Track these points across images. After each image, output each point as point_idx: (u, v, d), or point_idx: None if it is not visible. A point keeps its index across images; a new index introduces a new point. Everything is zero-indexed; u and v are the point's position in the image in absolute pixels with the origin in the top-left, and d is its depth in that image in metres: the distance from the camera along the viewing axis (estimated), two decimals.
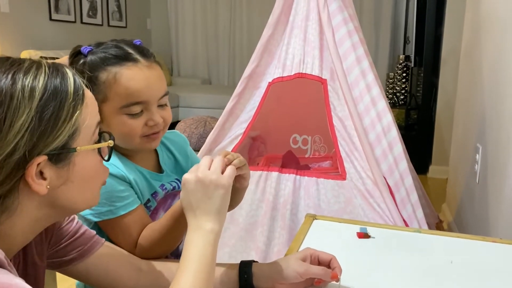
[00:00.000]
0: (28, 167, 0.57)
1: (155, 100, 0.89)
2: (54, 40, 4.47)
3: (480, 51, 2.15)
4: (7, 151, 0.55)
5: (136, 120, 0.88)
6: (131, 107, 0.87)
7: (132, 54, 0.88)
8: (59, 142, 0.59)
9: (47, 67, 0.60)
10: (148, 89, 0.87)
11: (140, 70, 0.87)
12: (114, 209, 0.88)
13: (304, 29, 1.89)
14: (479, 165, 1.98)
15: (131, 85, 0.86)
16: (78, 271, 0.81)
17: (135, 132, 0.89)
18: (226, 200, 0.73)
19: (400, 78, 4.09)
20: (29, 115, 0.56)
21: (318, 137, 2.29)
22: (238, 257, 1.78)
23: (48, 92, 0.58)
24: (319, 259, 0.84)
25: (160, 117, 0.90)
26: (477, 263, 0.96)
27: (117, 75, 0.86)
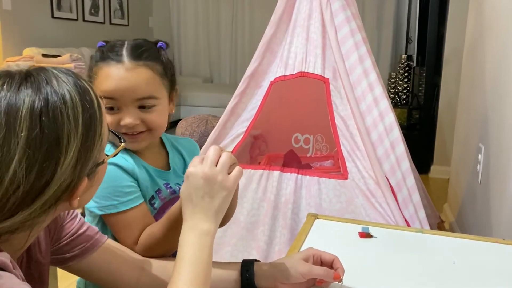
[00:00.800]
0: (76, 190, 0.58)
1: (129, 100, 0.89)
2: (56, 37, 4.47)
3: (483, 51, 2.14)
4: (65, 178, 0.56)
5: (111, 116, 0.90)
6: (105, 101, 0.89)
7: (120, 54, 0.90)
8: (94, 159, 0.60)
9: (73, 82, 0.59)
10: (120, 88, 0.89)
11: (118, 69, 0.89)
12: (117, 204, 0.89)
13: (306, 28, 1.88)
14: (481, 165, 1.97)
15: (105, 82, 0.89)
16: (80, 268, 0.81)
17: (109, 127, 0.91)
18: (227, 202, 0.72)
19: (402, 78, 4.09)
20: (76, 148, 0.56)
21: (320, 136, 2.29)
22: (239, 256, 1.78)
23: (87, 117, 0.58)
24: (322, 259, 0.84)
25: (132, 120, 0.90)
26: (480, 264, 0.96)
27: (99, 70, 0.90)
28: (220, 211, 0.71)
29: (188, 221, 0.70)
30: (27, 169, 0.52)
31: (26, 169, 0.52)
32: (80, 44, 4.62)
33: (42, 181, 0.54)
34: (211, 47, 6.16)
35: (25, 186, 0.53)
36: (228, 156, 0.73)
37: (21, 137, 0.52)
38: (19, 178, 0.52)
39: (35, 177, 0.53)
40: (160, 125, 0.94)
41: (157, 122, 0.92)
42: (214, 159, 0.71)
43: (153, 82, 0.91)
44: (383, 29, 5.31)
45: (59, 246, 0.78)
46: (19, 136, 0.52)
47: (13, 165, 0.52)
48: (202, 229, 0.69)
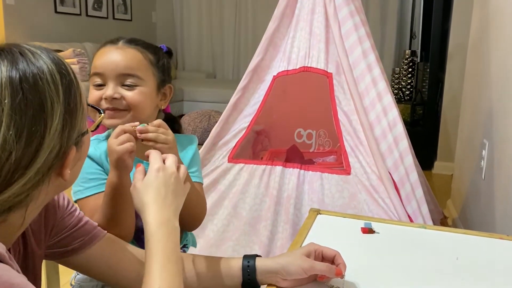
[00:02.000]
0: (65, 160, 0.59)
1: (111, 74, 0.96)
2: (59, 32, 4.47)
3: (488, 46, 2.12)
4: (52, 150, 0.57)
5: (96, 91, 0.98)
6: (93, 77, 0.98)
7: (118, 39, 1.00)
8: (78, 129, 0.62)
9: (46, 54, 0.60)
10: (106, 63, 0.97)
11: (110, 49, 0.98)
12: (83, 190, 0.94)
13: (309, 22, 1.87)
14: (485, 161, 1.96)
15: (96, 59, 0.99)
16: (79, 262, 0.80)
17: (94, 101, 0.96)
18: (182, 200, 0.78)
19: (406, 73, 4.07)
20: (60, 115, 0.58)
21: (322, 131, 2.28)
22: (241, 251, 1.77)
23: (67, 86, 0.60)
24: (323, 255, 0.83)
25: (113, 92, 0.96)
26: (484, 260, 0.95)
27: (95, 54, 1.00)
28: (180, 206, 0.76)
29: (158, 217, 0.70)
30: (17, 135, 0.54)
31: (16, 135, 0.53)
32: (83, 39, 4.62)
33: (33, 146, 0.55)
34: (214, 43, 6.14)
35: (17, 152, 0.54)
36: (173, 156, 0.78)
37: (5, 104, 0.53)
38: (10, 144, 0.53)
39: (25, 142, 0.54)
40: (139, 105, 0.98)
41: (135, 100, 0.97)
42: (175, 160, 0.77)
43: (139, 63, 0.98)
44: (387, 24, 5.28)
45: (58, 240, 0.78)
46: (3, 103, 0.53)
47: (2, 132, 0.53)
48: (174, 225, 0.71)
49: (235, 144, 1.89)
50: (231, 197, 1.82)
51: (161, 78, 1.02)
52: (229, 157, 1.86)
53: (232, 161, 1.85)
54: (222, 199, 1.83)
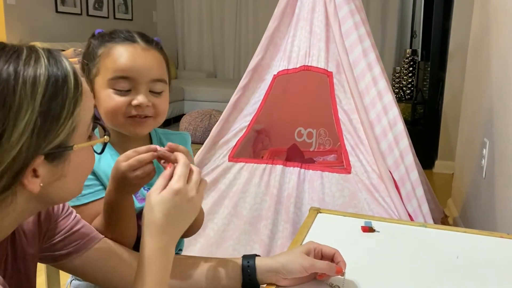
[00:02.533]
0: (27, 169, 0.55)
1: (144, 80, 0.89)
2: (60, 32, 4.47)
3: (488, 45, 2.12)
4: (13, 154, 0.53)
5: (122, 97, 0.89)
6: (118, 81, 0.88)
7: (134, 36, 0.91)
8: (58, 141, 0.57)
9: (45, 58, 0.57)
10: (136, 66, 0.88)
11: (134, 48, 0.89)
12: (79, 197, 0.88)
13: (310, 21, 1.86)
14: (486, 160, 1.96)
15: (121, 59, 0.88)
16: (74, 266, 0.79)
17: (118, 108, 0.88)
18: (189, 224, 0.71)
19: (406, 73, 4.06)
20: (32, 115, 0.53)
21: (323, 130, 2.28)
22: (241, 250, 1.77)
23: (50, 89, 0.55)
24: (323, 253, 0.83)
25: (146, 99, 0.89)
26: (484, 259, 0.95)
27: (111, 50, 0.89)
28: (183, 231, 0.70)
29: (156, 241, 0.66)
30: None
31: None
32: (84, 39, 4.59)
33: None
34: (215, 42, 6.14)
35: None
36: (198, 172, 0.70)
37: None
38: None
39: None
40: (165, 112, 0.94)
41: (164, 107, 0.93)
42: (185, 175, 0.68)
43: (163, 66, 0.93)
44: (387, 23, 5.27)
45: (53, 243, 0.77)
46: None
47: None
48: (171, 252, 0.67)
49: (235, 143, 1.89)
50: (231, 196, 1.82)
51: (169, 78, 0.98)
52: (229, 156, 1.86)
53: (232, 160, 1.85)
54: (222, 198, 1.83)
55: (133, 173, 0.76)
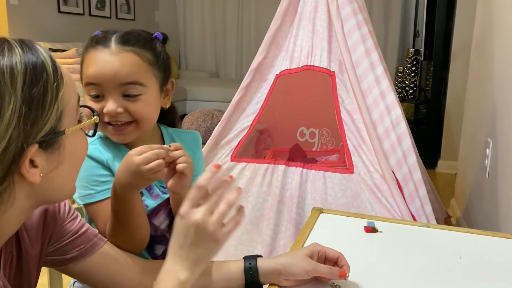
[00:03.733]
0: (22, 159, 0.54)
1: (111, 85, 0.86)
2: (62, 32, 4.48)
3: (491, 45, 2.11)
4: (3, 145, 0.52)
5: (95, 103, 0.87)
6: (88, 88, 0.88)
7: (108, 39, 0.88)
8: (48, 127, 0.56)
9: (18, 47, 0.56)
10: (100, 72, 0.86)
11: (103, 54, 0.86)
12: (94, 193, 0.88)
13: (312, 20, 1.86)
14: (489, 159, 1.95)
15: (89, 65, 0.87)
16: (79, 271, 0.79)
17: None
18: (213, 254, 0.67)
19: (409, 72, 4.05)
20: (16, 104, 0.53)
21: (325, 130, 2.27)
22: (243, 250, 1.77)
23: (29, 76, 0.54)
24: (326, 256, 0.83)
25: (114, 106, 0.86)
26: (487, 259, 0.94)
27: (85, 56, 0.89)
28: (203, 262, 0.66)
29: (168, 263, 0.66)
30: None
31: None
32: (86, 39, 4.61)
33: None
34: (217, 42, 6.14)
35: None
36: (227, 205, 0.65)
37: None
38: None
39: None
40: (147, 117, 0.89)
41: (142, 112, 0.88)
42: (210, 207, 0.65)
43: (139, 68, 0.88)
44: (390, 23, 5.26)
45: (58, 247, 0.77)
46: None
47: None
48: (179, 277, 0.64)
49: (237, 143, 1.89)
50: None
51: (163, 77, 0.93)
52: (231, 156, 1.86)
53: (234, 160, 1.85)
54: None
55: (148, 166, 0.75)
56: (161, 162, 0.77)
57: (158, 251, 0.96)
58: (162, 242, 0.96)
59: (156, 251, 0.96)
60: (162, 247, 0.96)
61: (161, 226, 0.95)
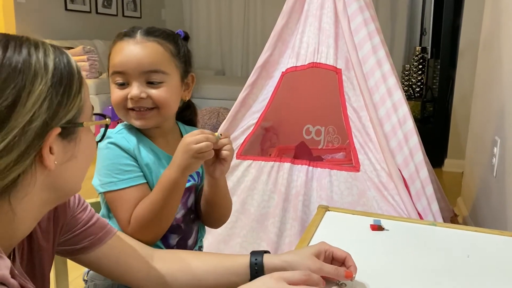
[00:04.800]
0: (46, 138, 0.57)
1: (135, 72, 0.91)
2: (69, 30, 4.50)
3: (499, 42, 2.09)
4: (27, 118, 0.55)
5: (121, 90, 0.93)
6: (114, 76, 0.93)
7: (134, 31, 0.94)
8: (70, 115, 0.60)
9: (50, 45, 0.62)
10: (128, 61, 0.91)
11: (128, 43, 0.92)
12: (117, 181, 0.90)
13: (319, 17, 1.85)
14: (497, 158, 1.94)
15: (115, 55, 0.93)
16: (89, 260, 0.81)
17: (118, 101, 0.93)
18: None
19: (416, 70, 4.03)
20: (46, 85, 0.57)
21: (331, 128, 2.26)
22: (249, 248, 1.77)
23: (60, 67, 0.60)
24: (334, 256, 0.82)
25: (138, 92, 0.91)
26: (495, 258, 0.93)
27: (112, 48, 0.95)
28: None
29: None
30: None
31: None
32: (93, 36, 4.64)
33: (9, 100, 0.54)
34: (223, 40, 6.14)
35: None
36: None
37: None
38: None
39: None
40: (167, 104, 0.94)
41: (164, 98, 0.93)
42: None
43: (162, 57, 0.93)
44: (397, 21, 5.23)
45: (69, 237, 0.78)
46: None
47: None
48: None
49: (243, 140, 1.88)
50: (239, 193, 1.82)
51: (183, 69, 0.98)
52: (237, 154, 1.86)
53: (240, 158, 1.85)
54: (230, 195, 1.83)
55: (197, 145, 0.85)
56: (209, 144, 0.85)
57: (173, 241, 0.98)
58: (177, 232, 0.98)
59: (170, 240, 0.98)
60: (176, 237, 0.98)
61: (177, 216, 0.98)
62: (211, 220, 1.05)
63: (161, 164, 0.95)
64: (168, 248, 0.97)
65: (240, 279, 0.83)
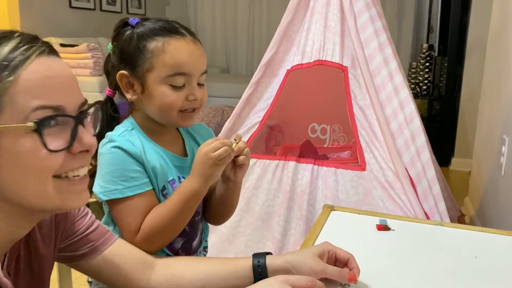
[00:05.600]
0: None
1: (197, 74, 0.91)
2: (73, 27, 4.50)
3: (508, 39, 2.06)
4: None
5: (178, 92, 0.89)
6: (175, 78, 0.88)
7: (179, 28, 0.92)
8: None
9: None
10: (192, 61, 0.90)
11: (187, 43, 0.90)
12: (122, 189, 0.85)
13: (324, 14, 1.83)
14: (505, 157, 1.91)
15: (178, 55, 0.88)
16: (89, 267, 0.79)
17: (176, 104, 0.89)
18: None
19: (423, 68, 4.00)
20: None
21: (337, 126, 2.24)
22: (254, 246, 1.76)
23: None
24: (337, 257, 0.80)
25: (200, 93, 0.92)
26: (503, 259, 0.92)
27: (166, 45, 0.88)
28: None
29: None
30: None
31: None
32: (97, 34, 4.63)
33: None
34: (228, 37, 6.12)
35: None
36: None
37: None
38: None
39: None
40: (205, 104, 0.95)
41: (206, 99, 0.94)
42: None
43: (205, 56, 0.94)
44: (403, 18, 5.19)
45: (69, 243, 0.77)
46: None
47: None
48: None
49: (248, 139, 1.87)
50: (243, 192, 1.80)
51: None
52: None
53: None
54: None
55: (216, 153, 0.84)
56: (227, 149, 0.85)
57: (177, 244, 0.96)
58: (181, 235, 0.96)
59: (175, 244, 0.96)
60: (180, 240, 0.96)
61: None
62: (217, 217, 1.03)
63: (167, 166, 0.92)
64: (172, 251, 0.95)
65: (244, 282, 0.81)
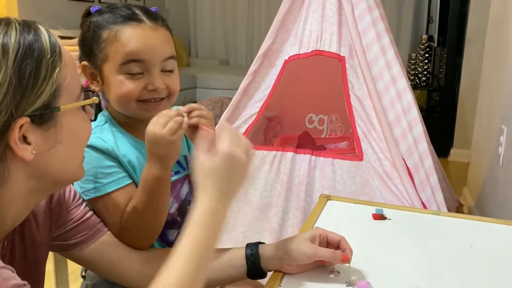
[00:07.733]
0: (11, 131, 0.54)
1: (156, 61, 0.85)
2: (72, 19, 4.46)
3: (508, 29, 2.05)
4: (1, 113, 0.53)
5: (135, 81, 0.85)
6: (129, 65, 0.84)
7: (137, 14, 0.86)
8: (41, 102, 0.56)
9: (17, 23, 0.58)
10: (148, 48, 0.84)
11: (143, 29, 0.85)
12: (100, 186, 0.83)
13: (322, 4, 1.82)
14: (503, 147, 1.91)
15: (131, 42, 0.84)
16: (82, 257, 0.79)
17: (132, 94, 0.85)
18: None
19: (422, 59, 3.98)
20: (6, 74, 0.53)
21: (335, 116, 2.24)
22: (252, 237, 1.76)
23: (23, 49, 0.55)
24: (328, 240, 0.81)
25: (161, 83, 0.85)
26: (499, 248, 0.92)
27: (118, 33, 0.84)
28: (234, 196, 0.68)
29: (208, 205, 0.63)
30: None
31: None
32: None
33: None
34: (227, 29, 6.09)
35: None
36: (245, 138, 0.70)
37: None
38: None
39: None
40: (177, 91, 0.90)
41: (176, 86, 0.89)
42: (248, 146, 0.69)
43: (172, 42, 0.89)
44: (403, 9, 5.16)
45: (63, 232, 0.77)
46: None
47: None
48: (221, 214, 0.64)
49: (245, 129, 1.86)
50: None
51: None
52: None
53: None
54: None
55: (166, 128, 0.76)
56: (178, 119, 0.77)
57: (171, 237, 0.94)
58: (174, 227, 0.94)
59: (169, 237, 0.94)
60: (175, 231, 0.95)
61: (171, 210, 0.93)
62: None
63: (145, 158, 0.85)
64: (168, 244, 0.93)
65: (238, 272, 0.82)
